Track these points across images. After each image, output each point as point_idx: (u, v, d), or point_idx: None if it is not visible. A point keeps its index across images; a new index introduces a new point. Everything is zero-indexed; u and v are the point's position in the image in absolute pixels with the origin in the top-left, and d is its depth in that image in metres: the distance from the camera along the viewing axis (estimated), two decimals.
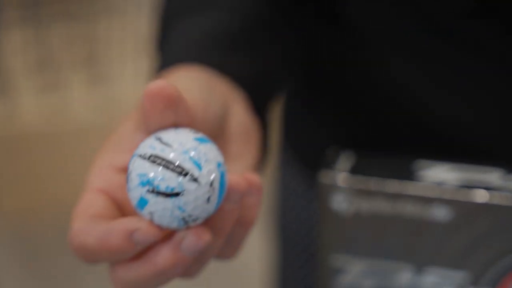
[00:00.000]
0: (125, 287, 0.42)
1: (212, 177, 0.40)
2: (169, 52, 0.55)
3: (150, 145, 0.41)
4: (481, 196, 0.53)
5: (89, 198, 0.43)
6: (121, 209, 0.44)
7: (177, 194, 0.40)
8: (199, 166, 0.40)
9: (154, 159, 0.40)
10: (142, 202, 0.40)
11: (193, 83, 0.49)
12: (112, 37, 2.05)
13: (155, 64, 0.56)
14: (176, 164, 0.40)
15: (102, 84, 2.05)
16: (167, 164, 0.40)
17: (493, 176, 0.54)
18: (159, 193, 0.40)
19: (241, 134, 0.49)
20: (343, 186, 0.55)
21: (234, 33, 0.57)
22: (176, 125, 0.42)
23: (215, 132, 0.47)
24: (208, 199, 0.40)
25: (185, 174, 0.40)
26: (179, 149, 0.40)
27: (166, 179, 0.40)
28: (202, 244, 0.40)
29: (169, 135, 0.41)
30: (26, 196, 1.96)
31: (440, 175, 0.55)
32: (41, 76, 2.02)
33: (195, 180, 0.40)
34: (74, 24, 2.02)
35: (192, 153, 0.40)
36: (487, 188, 0.53)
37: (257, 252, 1.48)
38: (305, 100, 0.68)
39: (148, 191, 0.40)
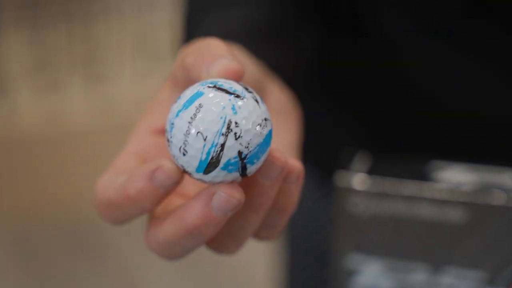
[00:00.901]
0: (159, 249, 0.42)
1: (267, 115, 0.39)
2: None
3: None
4: (496, 198, 0.53)
5: (120, 158, 0.43)
6: None
7: (238, 96, 0.39)
8: (261, 100, 0.40)
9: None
10: (195, 96, 0.39)
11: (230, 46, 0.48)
12: (110, 38, 2.04)
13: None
14: (244, 85, 0.40)
15: (100, 84, 2.05)
16: (236, 81, 0.40)
17: (508, 176, 0.55)
18: (220, 88, 0.39)
19: (279, 111, 0.48)
20: (359, 187, 0.55)
21: (263, 25, 0.56)
22: None
23: None
24: (259, 126, 0.39)
25: (251, 92, 0.39)
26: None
27: (232, 85, 0.39)
28: (233, 202, 0.39)
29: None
30: (25, 197, 1.96)
31: (455, 176, 0.55)
32: (39, 77, 2.01)
33: (256, 101, 0.39)
34: (72, 25, 2.02)
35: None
36: (502, 189, 0.54)
37: (262, 254, 1.48)
38: (316, 100, 0.69)
39: (208, 86, 0.39)
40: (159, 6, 2.04)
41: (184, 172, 0.40)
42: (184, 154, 0.39)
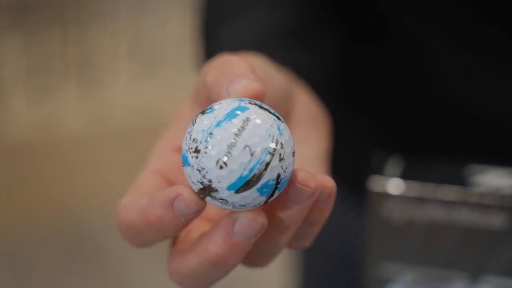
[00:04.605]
0: (182, 281, 0.40)
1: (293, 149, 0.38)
2: (222, 48, 0.52)
3: None
4: None
5: (142, 178, 0.42)
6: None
7: (278, 118, 0.38)
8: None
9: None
10: (239, 109, 0.37)
11: (254, 59, 0.47)
12: (105, 42, 2.04)
13: (203, 63, 0.54)
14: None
15: (95, 89, 2.04)
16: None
17: None
18: (262, 107, 0.37)
19: (308, 119, 0.46)
20: (394, 192, 0.53)
21: (288, 29, 0.55)
22: None
23: (279, 112, 0.46)
24: (293, 153, 0.37)
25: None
26: None
27: (269, 107, 0.38)
28: (256, 227, 0.37)
29: None
30: (19, 203, 1.95)
31: (494, 180, 0.53)
32: (33, 82, 2.00)
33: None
34: (67, 30, 2.01)
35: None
36: None
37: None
38: (341, 104, 0.67)
39: (250, 103, 0.37)
40: (154, 10, 2.04)
41: (202, 191, 0.37)
42: (221, 168, 0.36)
